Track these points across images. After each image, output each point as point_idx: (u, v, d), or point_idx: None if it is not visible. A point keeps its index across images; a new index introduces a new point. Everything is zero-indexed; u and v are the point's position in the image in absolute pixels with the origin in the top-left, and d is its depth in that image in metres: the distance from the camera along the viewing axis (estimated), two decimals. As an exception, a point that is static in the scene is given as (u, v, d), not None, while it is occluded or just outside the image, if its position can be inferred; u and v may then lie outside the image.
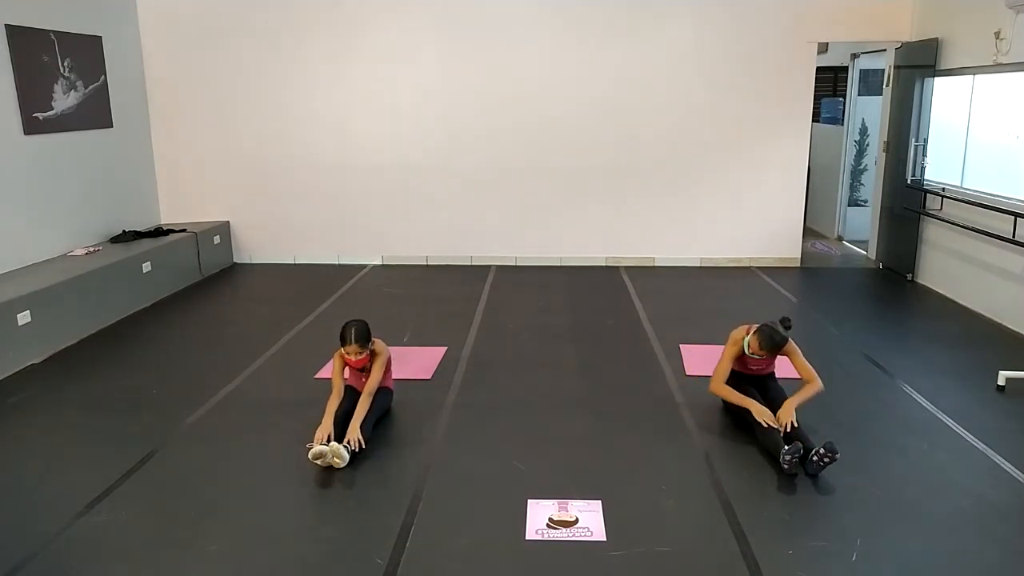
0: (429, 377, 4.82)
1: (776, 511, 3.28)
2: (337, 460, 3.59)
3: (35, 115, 6.01)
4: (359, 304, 6.52)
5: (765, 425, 3.70)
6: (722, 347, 4.09)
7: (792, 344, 3.92)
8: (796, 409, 3.75)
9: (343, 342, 3.89)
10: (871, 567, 2.91)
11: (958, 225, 6.33)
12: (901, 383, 4.71)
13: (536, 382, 4.75)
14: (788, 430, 3.67)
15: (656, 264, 7.89)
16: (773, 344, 3.86)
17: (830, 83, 9.61)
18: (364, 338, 3.90)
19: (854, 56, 8.78)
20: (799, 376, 3.96)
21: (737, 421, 4.11)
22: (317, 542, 3.09)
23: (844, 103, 9.07)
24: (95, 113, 6.79)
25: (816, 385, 3.86)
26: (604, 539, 3.08)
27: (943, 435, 4.01)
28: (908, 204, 7.16)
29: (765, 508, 3.31)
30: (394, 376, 4.38)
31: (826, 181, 9.43)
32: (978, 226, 6.05)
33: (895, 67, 7.51)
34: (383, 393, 4.11)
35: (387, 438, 3.99)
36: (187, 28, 7.54)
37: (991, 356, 5.13)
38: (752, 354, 3.93)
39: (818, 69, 7.73)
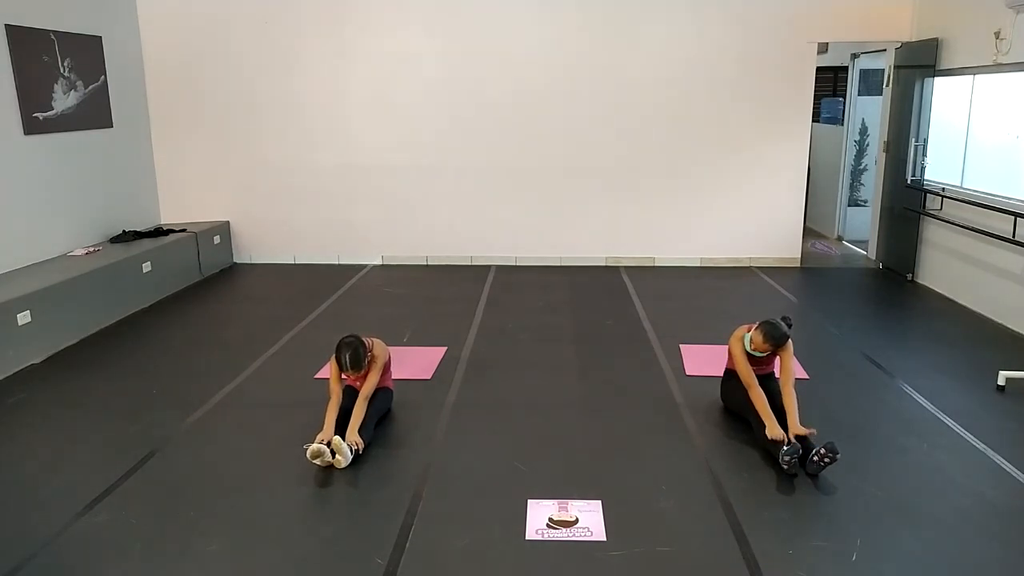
0: (429, 377, 4.82)
1: (776, 511, 3.28)
2: (340, 459, 3.59)
3: (35, 115, 6.01)
4: (359, 304, 6.53)
5: (771, 438, 3.65)
6: (722, 347, 4.07)
7: (790, 344, 3.92)
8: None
9: (340, 366, 3.88)
10: (871, 567, 2.91)
11: (958, 225, 6.33)
12: (901, 383, 4.71)
13: (536, 382, 4.75)
14: (809, 439, 3.63)
15: (656, 264, 7.89)
16: (776, 338, 3.84)
17: (830, 83, 9.61)
18: (359, 359, 3.87)
19: (854, 56, 8.78)
20: (778, 375, 3.95)
21: (737, 421, 4.11)
22: (317, 542, 3.09)
23: (844, 103, 9.07)
24: (95, 113, 6.79)
25: (792, 391, 3.83)
26: (604, 539, 3.08)
27: (943, 435, 4.01)
28: (908, 204, 7.15)
29: (765, 508, 3.30)
30: (394, 376, 4.38)
31: (826, 181, 9.43)
32: (978, 226, 6.05)
33: (895, 67, 7.51)
34: (383, 393, 4.11)
35: (387, 438, 3.99)
36: (187, 28, 7.54)
37: (991, 356, 5.13)
38: (754, 351, 3.92)
39: (818, 69, 7.73)
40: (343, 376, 3.96)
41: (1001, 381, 4.61)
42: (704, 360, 5.04)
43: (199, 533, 3.14)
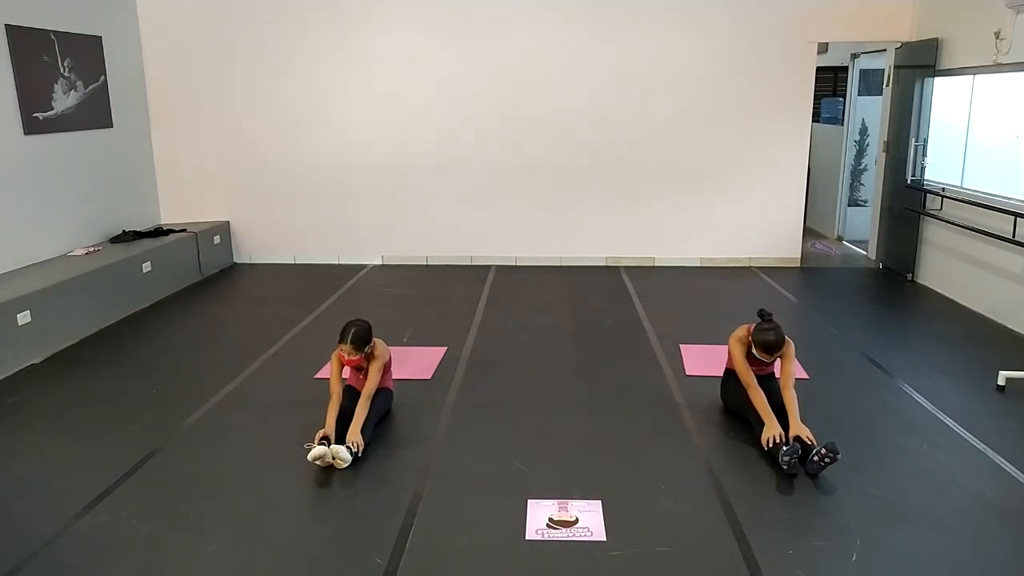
0: (429, 377, 4.82)
1: (776, 511, 3.28)
2: (339, 461, 3.59)
3: (35, 115, 6.01)
4: (359, 304, 6.52)
5: (770, 444, 3.65)
6: (722, 347, 4.06)
7: (791, 344, 3.91)
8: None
9: (341, 339, 3.87)
10: (871, 567, 2.91)
11: (958, 225, 6.33)
12: (901, 383, 4.71)
13: (536, 382, 4.75)
14: (808, 444, 3.62)
15: (656, 264, 7.89)
16: (774, 344, 3.83)
17: (830, 83, 9.61)
18: (362, 341, 3.86)
19: (854, 56, 8.78)
20: (778, 375, 3.95)
21: (737, 421, 4.11)
22: (317, 542, 3.09)
23: (844, 103, 9.07)
24: (95, 113, 6.79)
25: (792, 392, 3.82)
26: (604, 539, 3.08)
27: (943, 435, 4.01)
28: (908, 204, 7.16)
29: (765, 508, 3.30)
30: (394, 376, 4.38)
31: (826, 181, 9.43)
32: (978, 226, 6.05)
33: (895, 67, 7.51)
34: (383, 394, 4.10)
35: (387, 438, 3.99)
36: (187, 28, 7.54)
37: (991, 356, 5.13)
38: (765, 360, 3.90)
39: (818, 69, 7.73)
40: (344, 376, 3.97)
41: (1001, 381, 4.61)
42: (704, 360, 5.03)
43: (199, 533, 3.14)
